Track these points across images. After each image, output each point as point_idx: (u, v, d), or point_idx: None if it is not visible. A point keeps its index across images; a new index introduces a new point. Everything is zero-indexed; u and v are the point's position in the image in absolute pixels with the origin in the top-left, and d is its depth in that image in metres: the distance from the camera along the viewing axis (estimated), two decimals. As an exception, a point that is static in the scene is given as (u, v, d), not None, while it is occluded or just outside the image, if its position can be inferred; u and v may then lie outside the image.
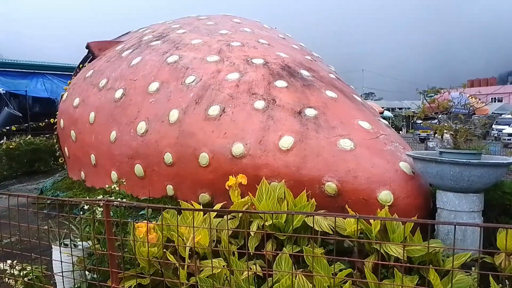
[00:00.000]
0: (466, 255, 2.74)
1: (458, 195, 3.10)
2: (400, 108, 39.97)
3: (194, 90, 4.52)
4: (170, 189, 4.44)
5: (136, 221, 2.73)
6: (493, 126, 21.68)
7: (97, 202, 2.50)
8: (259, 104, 4.14)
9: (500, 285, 2.41)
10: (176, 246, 2.68)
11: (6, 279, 2.85)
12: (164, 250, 2.66)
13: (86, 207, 2.88)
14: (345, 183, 3.50)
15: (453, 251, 2.28)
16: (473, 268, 2.66)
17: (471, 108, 3.50)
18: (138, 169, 4.64)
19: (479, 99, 4.00)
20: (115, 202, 2.35)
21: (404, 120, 32.87)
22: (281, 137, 3.83)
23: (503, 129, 21.02)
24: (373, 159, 3.59)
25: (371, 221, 2.89)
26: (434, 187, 3.43)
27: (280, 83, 4.34)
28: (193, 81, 4.61)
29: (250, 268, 2.62)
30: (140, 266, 2.67)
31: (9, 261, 2.88)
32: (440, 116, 3.74)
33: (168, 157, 4.34)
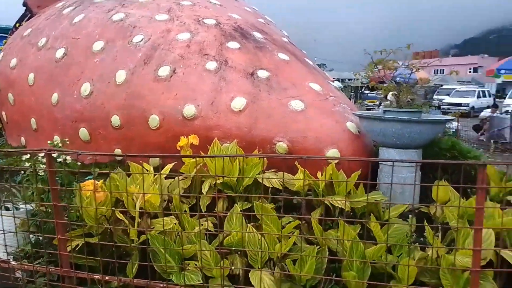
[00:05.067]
0: (403, 206, 2.96)
1: (399, 151, 3.30)
2: (350, 79, 40.83)
3: (143, 50, 4.33)
4: (118, 153, 4.31)
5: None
6: (434, 96, 23.54)
7: (39, 151, 2.36)
8: (211, 65, 4.06)
9: (434, 231, 2.63)
10: (126, 205, 2.64)
11: None
12: (113, 208, 2.61)
13: (27, 164, 2.73)
14: (295, 143, 3.59)
15: (390, 193, 2.44)
16: (410, 216, 2.87)
17: (413, 69, 3.67)
18: (83, 132, 4.44)
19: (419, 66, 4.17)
20: (57, 153, 2.23)
21: (353, 91, 33.76)
22: (233, 99, 3.81)
23: (443, 99, 22.95)
24: (322, 120, 3.69)
25: (319, 176, 3.01)
26: (378, 145, 3.61)
27: (233, 44, 4.27)
28: (141, 41, 4.41)
29: (201, 224, 2.65)
30: (88, 226, 2.61)
31: None
32: (387, 82, 3.89)
33: (115, 120, 4.18)
